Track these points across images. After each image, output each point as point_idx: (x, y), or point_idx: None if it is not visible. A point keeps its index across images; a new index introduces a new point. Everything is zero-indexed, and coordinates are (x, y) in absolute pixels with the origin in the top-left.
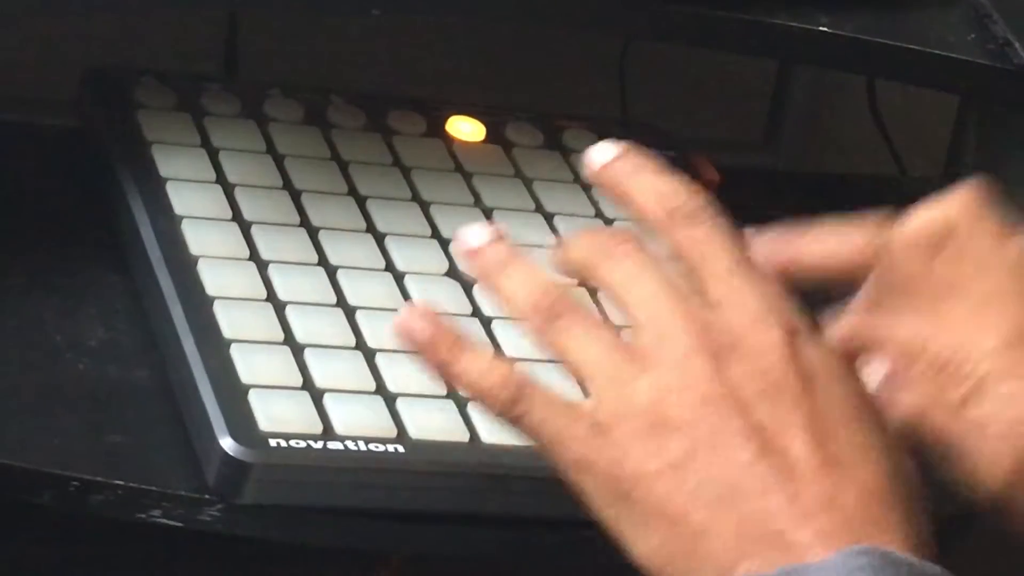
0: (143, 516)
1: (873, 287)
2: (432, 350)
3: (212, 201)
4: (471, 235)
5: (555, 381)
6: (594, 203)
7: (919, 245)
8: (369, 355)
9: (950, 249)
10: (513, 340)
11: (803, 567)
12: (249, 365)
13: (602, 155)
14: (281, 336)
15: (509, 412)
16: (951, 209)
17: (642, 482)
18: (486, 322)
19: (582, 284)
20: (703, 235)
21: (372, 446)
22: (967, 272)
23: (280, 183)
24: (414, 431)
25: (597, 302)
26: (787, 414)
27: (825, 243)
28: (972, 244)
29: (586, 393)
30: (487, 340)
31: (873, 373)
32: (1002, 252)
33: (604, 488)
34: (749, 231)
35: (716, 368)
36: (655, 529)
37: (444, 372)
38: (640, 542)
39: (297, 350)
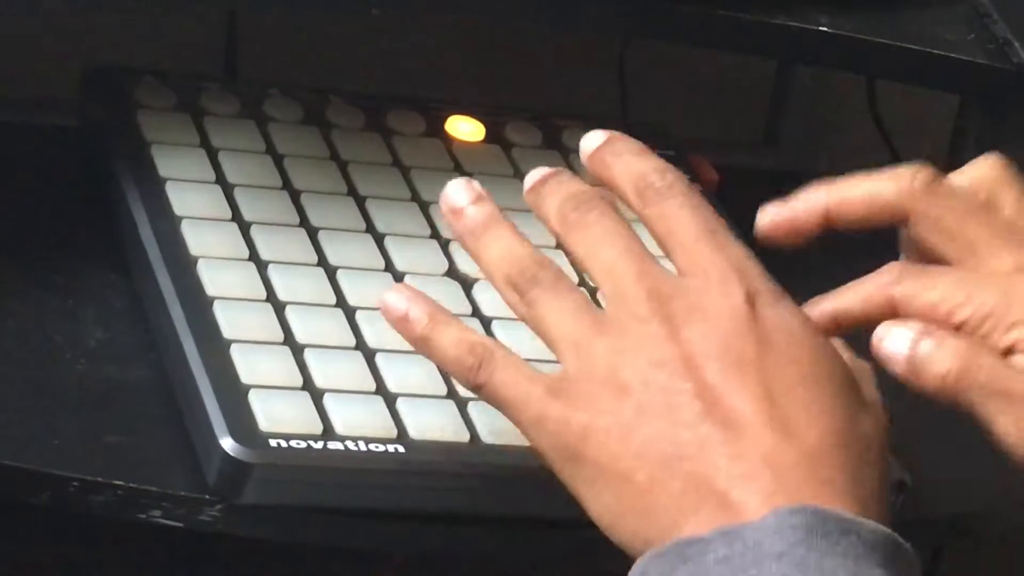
0: (143, 516)
1: (905, 248)
2: (408, 326)
3: (211, 201)
4: (453, 193)
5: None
6: None
7: (950, 208)
8: (369, 355)
9: (976, 217)
10: (513, 338)
11: (740, 526)
12: (249, 365)
13: (590, 143)
14: (281, 336)
15: (474, 378)
16: (975, 176)
17: (592, 440)
18: (486, 322)
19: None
20: (670, 209)
21: (372, 446)
22: (1000, 233)
23: (280, 183)
24: (414, 431)
25: None
26: (738, 376)
27: (863, 190)
28: (999, 208)
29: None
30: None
31: (899, 339)
32: None
33: (558, 446)
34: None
35: (671, 331)
36: (605, 487)
37: (420, 346)
38: (592, 500)
39: (297, 350)
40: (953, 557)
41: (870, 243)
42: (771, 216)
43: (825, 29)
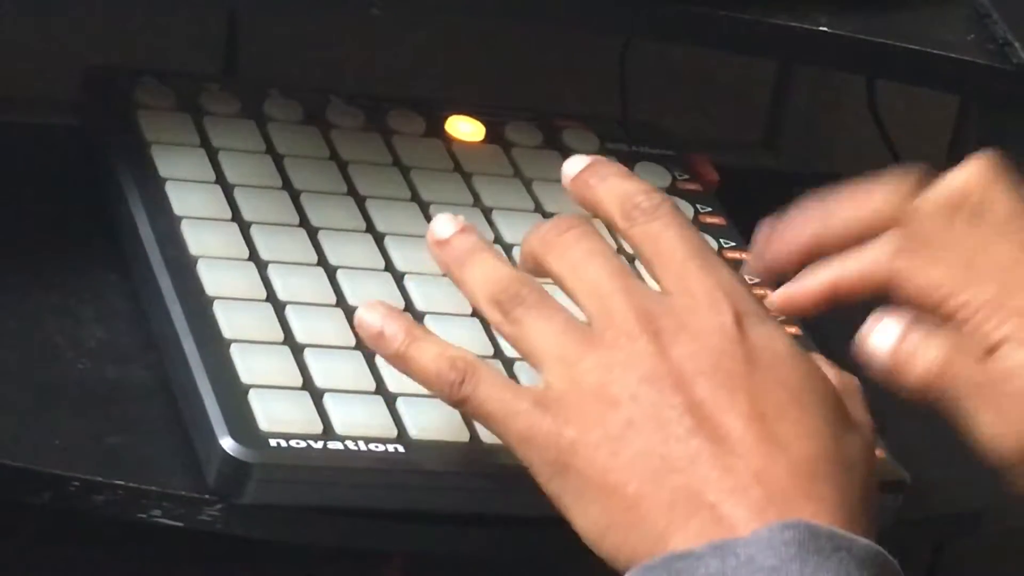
0: (143, 516)
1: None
2: (384, 343)
3: (211, 201)
4: (439, 226)
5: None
6: None
7: (938, 212)
8: (369, 355)
9: (969, 213)
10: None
11: (732, 541)
12: (249, 365)
13: (571, 168)
14: (281, 336)
15: (457, 394)
16: (967, 176)
17: (580, 453)
18: (486, 322)
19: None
20: (658, 230)
21: (372, 446)
22: (988, 234)
23: (279, 183)
24: (414, 431)
25: None
26: (727, 392)
27: (847, 209)
28: (991, 207)
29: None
30: (487, 341)
31: (883, 335)
32: (1021, 213)
33: (545, 460)
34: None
35: (660, 348)
36: (593, 500)
37: (397, 363)
38: (580, 513)
39: (297, 350)
40: (953, 557)
41: None
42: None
43: (825, 29)
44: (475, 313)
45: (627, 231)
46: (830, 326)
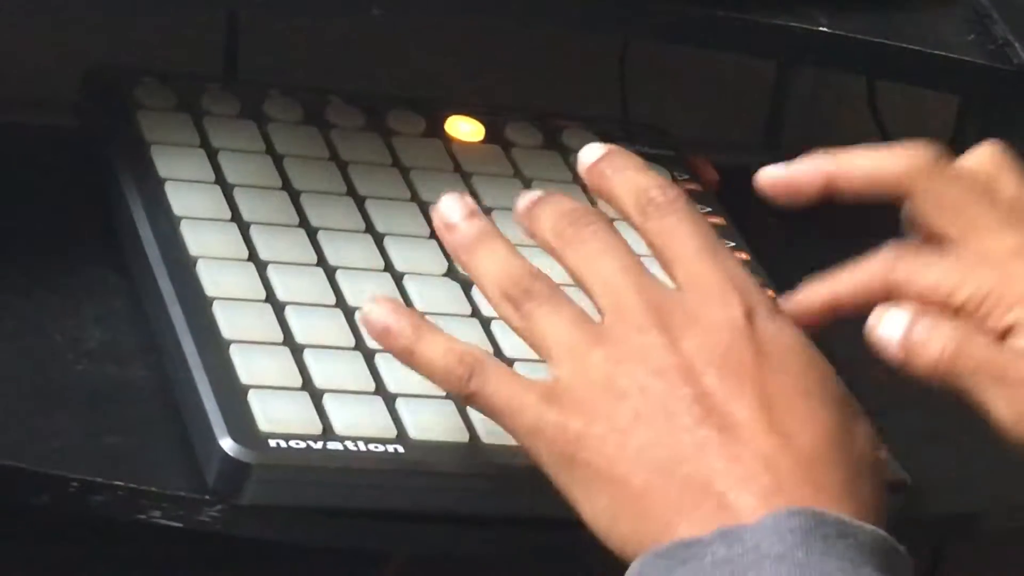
0: (143, 516)
1: (907, 227)
2: (391, 338)
3: (211, 201)
4: (447, 207)
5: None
6: (593, 203)
7: (953, 187)
8: (369, 355)
9: (979, 196)
10: (513, 340)
11: (739, 528)
12: (248, 365)
13: (588, 156)
14: (280, 336)
15: (465, 388)
16: (979, 158)
17: (588, 444)
18: (485, 322)
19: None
20: (671, 225)
21: (372, 446)
22: (1001, 213)
23: (279, 183)
24: (414, 431)
25: None
26: (736, 383)
27: (867, 162)
28: (1000, 191)
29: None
30: (486, 341)
31: (893, 323)
32: None
33: (553, 452)
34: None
35: (670, 341)
36: (601, 491)
37: (405, 359)
38: (587, 504)
39: (296, 350)
40: (953, 557)
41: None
42: (771, 175)
43: (825, 29)
44: (474, 313)
45: (641, 225)
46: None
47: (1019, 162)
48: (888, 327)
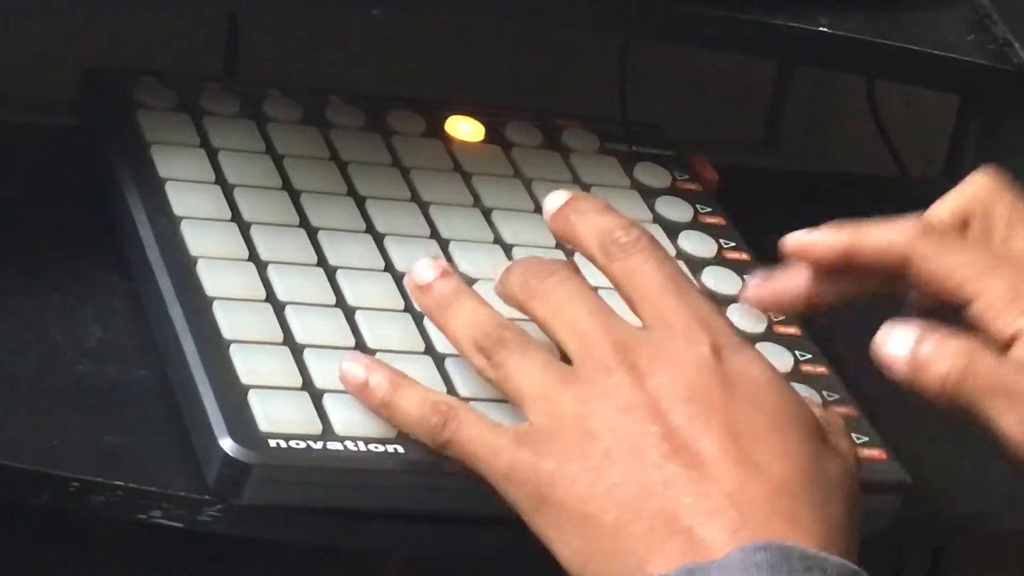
0: (143, 516)
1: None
2: (369, 393)
3: (211, 201)
4: (420, 270)
5: None
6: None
7: (947, 229)
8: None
9: (977, 223)
10: None
11: (705, 565)
12: (249, 365)
13: (552, 203)
14: (280, 336)
15: (440, 436)
16: (968, 191)
17: (561, 483)
18: None
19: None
20: (635, 265)
21: (372, 446)
22: (997, 240)
23: (279, 183)
24: None
25: None
26: (703, 418)
27: (872, 238)
28: (996, 214)
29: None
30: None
31: (900, 341)
32: None
33: (526, 493)
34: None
35: (637, 379)
36: (573, 531)
37: (382, 411)
38: (561, 545)
39: (297, 350)
40: (953, 557)
41: None
42: (796, 241)
43: (825, 29)
44: None
45: (606, 267)
46: (831, 329)
47: (1012, 182)
48: (895, 345)
